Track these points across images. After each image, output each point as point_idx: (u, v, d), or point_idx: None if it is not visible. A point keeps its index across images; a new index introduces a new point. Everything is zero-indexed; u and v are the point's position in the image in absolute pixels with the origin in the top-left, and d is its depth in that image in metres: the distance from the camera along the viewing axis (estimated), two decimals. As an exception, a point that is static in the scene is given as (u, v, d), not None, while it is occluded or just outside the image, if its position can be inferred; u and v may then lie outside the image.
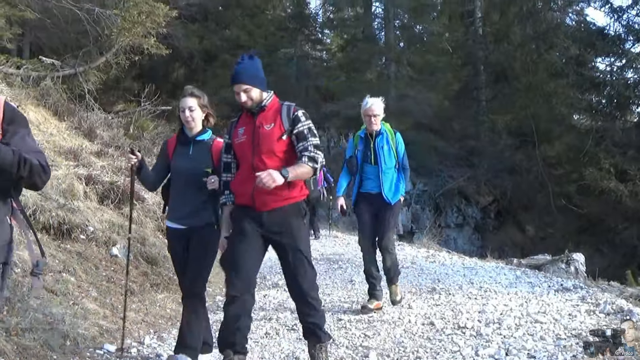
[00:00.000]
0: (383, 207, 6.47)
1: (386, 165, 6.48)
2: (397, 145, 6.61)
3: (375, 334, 5.52)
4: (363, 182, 6.61)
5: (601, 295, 6.60)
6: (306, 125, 4.20)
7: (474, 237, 21.28)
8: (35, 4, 12.10)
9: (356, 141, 6.72)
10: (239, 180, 4.27)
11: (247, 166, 4.17)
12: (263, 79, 4.27)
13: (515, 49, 23.35)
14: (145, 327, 5.65)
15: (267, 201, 4.11)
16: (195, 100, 4.62)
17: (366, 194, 6.58)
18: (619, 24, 18.57)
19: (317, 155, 4.12)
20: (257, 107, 4.21)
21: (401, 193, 6.62)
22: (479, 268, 9.20)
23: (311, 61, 26.43)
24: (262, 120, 4.19)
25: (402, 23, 23.62)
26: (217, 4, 26.81)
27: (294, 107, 4.25)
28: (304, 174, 4.10)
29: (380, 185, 6.44)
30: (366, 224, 6.61)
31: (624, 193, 15.97)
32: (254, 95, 4.15)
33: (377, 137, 6.51)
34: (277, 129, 4.15)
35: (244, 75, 4.18)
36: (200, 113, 4.66)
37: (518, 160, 21.77)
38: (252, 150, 4.16)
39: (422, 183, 20.74)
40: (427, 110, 21.12)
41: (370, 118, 6.43)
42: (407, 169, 6.74)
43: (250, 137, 4.19)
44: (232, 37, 25.90)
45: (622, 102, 18.17)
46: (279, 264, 4.42)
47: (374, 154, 6.50)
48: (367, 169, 6.56)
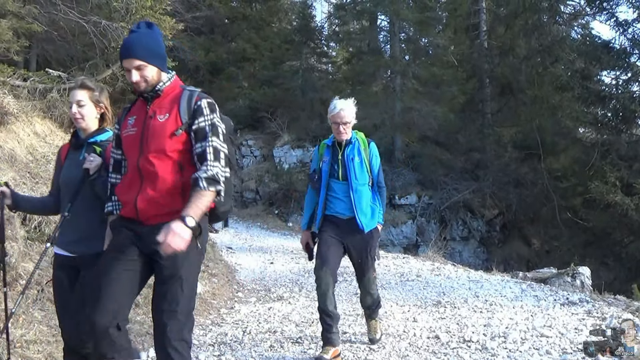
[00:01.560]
0: (357, 236, 5.25)
1: (357, 181, 5.25)
2: (371, 158, 5.42)
3: (380, 348, 5.50)
4: (329, 202, 5.34)
5: (607, 309, 6.58)
6: (209, 120, 3.30)
7: (479, 250, 21.21)
8: (43, 17, 12.15)
9: (321, 151, 5.51)
10: (122, 185, 3.43)
11: (133, 168, 3.34)
12: (163, 55, 3.41)
13: (521, 62, 23.36)
14: (149, 340, 5.63)
15: (153, 214, 3.26)
16: (85, 93, 3.77)
17: (333, 219, 5.31)
18: (624, 37, 18.56)
19: (217, 171, 3.20)
20: (152, 91, 3.33)
21: (378, 220, 5.41)
22: (485, 281, 9.17)
23: (317, 74, 26.48)
24: (155, 109, 3.33)
25: (408, 36, 23.65)
26: (223, 17, 26.96)
27: (197, 95, 3.34)
28: (208, 204, 3.21)
29: (352, 207, 5.21)
30: (329, 248, 5.24)
31: (629, 207, 15.90)
32: (149, 75, 3.28)
33: (346, 146, 5.33)
34: (171, 122, 3.27)
35: (137, 47, 3.27)
36: (93, 109, 3.81)
37: (523, 173, 21.73)
38: (140, 147, 3.29)
39: (428, 196, 20.69)
40: (433, 123, 21.12)
41: (339, 126, 5.23)
42: (383, 187, 5.52)
43: (140, 130, 3.32)
44: (238, 49, 26.08)
45: (628, 115, 18.10)
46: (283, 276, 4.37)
47: (342, 167, 5.29)
48: (335, 187, 5.32)
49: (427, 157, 21.30)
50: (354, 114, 5.29)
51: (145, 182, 3.26)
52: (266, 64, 26.01)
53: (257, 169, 23.17)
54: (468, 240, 21.15)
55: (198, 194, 3.13)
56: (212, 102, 3.35)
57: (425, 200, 20.59)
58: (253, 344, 5.71)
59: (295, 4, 30.06)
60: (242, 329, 6.29)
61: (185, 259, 3.19)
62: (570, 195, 20.39)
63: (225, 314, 7.06)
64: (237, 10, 27.34)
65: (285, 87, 24.67)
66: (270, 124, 23.88)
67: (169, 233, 2.96)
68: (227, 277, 9.27)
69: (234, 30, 27.19)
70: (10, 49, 11.37)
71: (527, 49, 23.41)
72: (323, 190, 5.35)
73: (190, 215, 3.05)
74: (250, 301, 7.92)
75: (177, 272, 3.21)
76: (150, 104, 3.35)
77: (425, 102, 21.05)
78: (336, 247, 5.26)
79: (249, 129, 25.60)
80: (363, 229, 5.19)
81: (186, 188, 3.21)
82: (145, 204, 3.24)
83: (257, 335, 5.99)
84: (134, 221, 3.31)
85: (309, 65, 26.39)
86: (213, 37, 26.30)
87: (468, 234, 21.14)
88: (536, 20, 22.76)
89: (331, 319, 5.10)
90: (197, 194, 3.13)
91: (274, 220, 18.96)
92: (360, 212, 5.21)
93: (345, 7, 24.91)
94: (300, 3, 28.59)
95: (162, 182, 3.24)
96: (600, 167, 17.48)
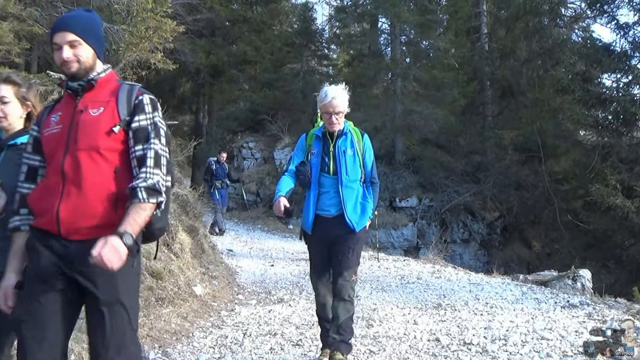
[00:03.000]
0: (343, 233, 4.81)
1: (348, 177, 4.83)
2: (365, 152, 4.96)
3: (381, 350, 5.49)
4: (320, 200, 4.91)
5: (608, 312, 6.59)
6: (151, 119, 2.84)
7: (479, 253, 21.21)
8: (44, 19, 12.17)
9: (310, 141, 5.02)
10: (39, 192, 2.81)
11: (55, 170, 2.75)
12: (102, 40, 2.95)
13: (522, 65, 23.39)
14: (149, 342, 5.63)
15: (79, 226, 2.68)
16: (10, 88, 3.28)
17: (322, 219, 4.89)
18: (625, 40, 18.60)
19: (158, 179, 2.74)
20: (85, 80, 2.82)
21: (369, 215, 4.94)
22: (485, 284, 9.17)
23: (317, 76, 26.48)
24: (87, 102, 2.80)
25: (408, 39, 23.66)
26: (224, 20, 27.01)
27: (138, 89, 2.89)
28: (147, 219, 2.71)
29: (341, 203, 4.79)
30: (321, 258, 4.98)
31: (630, 209, 15.90)
32: (83, 55, 2.78)
33: (338, 138, 4.89)
34: (108, 116, 2.76)
35: (74, 22, 2.81)
36: (18, 107, 3.32)
37: (524, 175, 21.73)
38: (66, 146, 2.73)
39: (428, 198, 20.69)
40: (433, 126, 21.12)
41: (331, 116, 4.78)
42: (376, 183, 5.07)
43: (67, 127, 2.76)
44: (239, 52, 26.12)
45: (629, 118, 18.11)
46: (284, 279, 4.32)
47: (333, 161, 4.85)
48: (324, 182, 4.89)
49: (428, 159, 21.30)
50: (347, 102, 4.85)
51: (70, 186, 2.69)
52: (267, 67, 26.06)
53: (258, 172, 23.20)
54: (469, 243, 21.15)
55: (136, 207, 2.65)
56: (154, 98, 2.92)
57: (425, 202, 20.59)
58: (253, 346, 5.70)
59: (296, 6, 30.19)
60: (243, 331, 6.28)
61: (124, 281, 2.72)
62: (571, 197, 20.41)
63: (225, 316, 7.06)
64: (238, 13, 27.38)
65: (286, 90, 24.70)
66: (271, 126, 23.89)
67: (105, 246, 2.47)
68: (227, 279, 9.27)
69: (235, 32, 27.24)
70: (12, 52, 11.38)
71: (528, 52, 23.48)
72: (314, 187, 4.89)
73: (129, 232, 2.57)
74: (251, 303, 7.91)
75: (117, 297, 2.70)
76: (80, 97, 2.82)
77: (426, 105, 21.06)
78: (327, 257, 4.93)
79: (249, 132, 25.67)
80: (354, 229, 4.78)
81: (121, 197, 2.71)
82: (69, 213, 2.67)
83: (258, 338, 5.99)
84: (55, 236, 2.70)
85: (310, 67, 26.43)
86: (214, 39, 26.35)
87: (469, 236, 21.14)
88: (537, 23, 22.83)
89: (329, 323, 4.91)
90: (136, 207, 2.65)
91: (275, 222, 18.95)
92: (350, 210, 4.79)
93: (346, 9, 24.98)
94: (301, 6, 28.69)
95: (92, 187, 2.69)
96: (601, 169, 17.49)
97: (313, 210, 4.86)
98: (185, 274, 7.69)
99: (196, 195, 12.13)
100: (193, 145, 16.83)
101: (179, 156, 14.97)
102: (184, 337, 5.94)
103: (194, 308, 6.99)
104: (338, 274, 4.76)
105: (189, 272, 7.91)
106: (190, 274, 7.90)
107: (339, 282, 4.73)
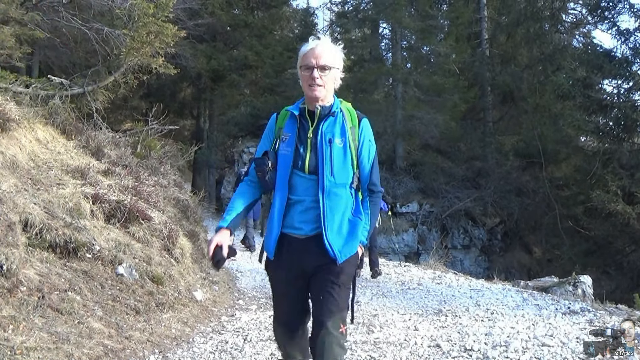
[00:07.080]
0: (323, 264, 3.14)
1: (333, 179, 3.14)
2: (362, 143, 3.24)
3: (381, 356, 5.48)
4: (290, 211, 3.22)
5: (609, 319, 6.57)
6: None
7: (480, 259, 21.22)
8: (45, 24, 12.19)
9: (280, 123, 3.42)
10: None
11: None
12: None
13: (522, 71, 23.46)
14: (150, 347, 5.62)
15: None
16: None
17: (291, 238, 3.22)
18: (626, 46, 18.64)
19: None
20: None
21: (360, 239, 3.21)
22: (486, 290, 9.16)
23: (318, 81, 26.48)
24: None
25: (409, 44, 23.73)
26: (225, 25, 27.01)
27: None
28: None
29: (320, 218, 3.13)
30: (287, 299, 3.33)
31: (631, 215, 15.90)
32: None
33: (323, 119, 3.23)
34: None
35: None
36: None
37: (525, 181, 21.77)
38: None
39: (429, 204, 20.71)
40: (434, 131, 21.15)
41: (312, 72, 3.17)
42: (377, 192, 3.34)
43: None
44: (240, 57, 26.12)
45: (629, 124, 18.12)
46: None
47: (311, 152, 3.19)
48: (296, 184, 3.21)
49: (429, 165, 21.34)
50: (339, 58, 3.30)
51: None
52: (268, 72, 26.06)
53: (259, 176, 23.16)
54: (469, 249, 21.16)
55: None
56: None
57: (426, 208, 20.60)
58: (254, 351, 5.69)
59: (297, 11, 30.20)
60: (243, 336, 6.27)
61: None
62: (572, 203, 20.40)
63: (226, 321, 7.04)
64: (239, 18, 27.38)
65: (287, 95, 24.65)
66: (271, 131, 23.86)
67: None
68: (227, 284, 9.26)
69: (236, 37, 27.26)
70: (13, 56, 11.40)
71: (529, 58, 23.54)
72: (281, 191, 3.24)
73: None
74: (251, 309, 7.90)
75: None
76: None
77: (427, 110, 21.09)
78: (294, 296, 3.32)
79: (250, 137, 25.66)
80: (335, 258, 3.11)
81: None
82: None
83: (258, 343, 5.97)
84: None
85: (311, 72, 26.39)
86: (215, 44, 26.35)
87: (469, 242, 21.15)
88: (538, 28, 22.87)
89: None
90: None
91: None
92: (333, 229, 3.14)
93: (347, 15, 25.00)
94: (302, 11, 28.73)
95: None
96: (602, 175, 17.49)
97: (278, 226, 3.23)
98: (185, 279, 7.68)
99: (197, 200, 12.14)
100: (194, 150, 16.81)
101: (180, 161, 14.99)
102: (185, 342, 5.93)
103: (195, 313, 6.98)
104: (319, 325, 3.09)
105: (190, 277, 7.91)
106: (191, 279, 7.90)
107: (321, 336, 3.05)
